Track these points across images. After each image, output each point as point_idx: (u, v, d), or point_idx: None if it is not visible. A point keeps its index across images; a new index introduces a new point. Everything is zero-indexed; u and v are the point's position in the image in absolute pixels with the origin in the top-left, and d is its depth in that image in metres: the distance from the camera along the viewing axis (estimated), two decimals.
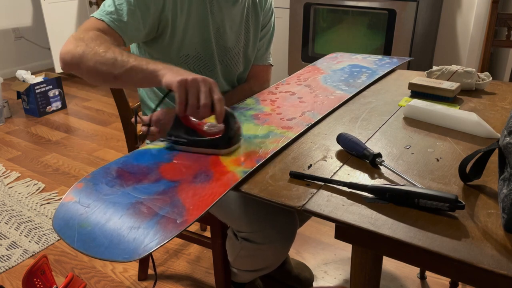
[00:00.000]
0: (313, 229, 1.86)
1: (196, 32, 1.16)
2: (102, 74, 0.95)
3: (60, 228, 0.72)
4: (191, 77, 0.86)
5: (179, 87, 0.86)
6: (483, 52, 1.88)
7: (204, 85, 0.87)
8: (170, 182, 0.82)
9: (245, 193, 0.80)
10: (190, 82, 0.86)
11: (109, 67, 0.94)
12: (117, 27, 1.03)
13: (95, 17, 1.04)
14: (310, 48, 2.80)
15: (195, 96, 0.86)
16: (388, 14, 2.43)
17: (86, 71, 0.97)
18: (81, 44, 0.97)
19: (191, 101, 0.86)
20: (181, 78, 0.86)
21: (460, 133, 1.00)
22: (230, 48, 1.25)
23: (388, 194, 0.74)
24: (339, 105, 1.18)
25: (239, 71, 1.31)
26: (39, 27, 4.04)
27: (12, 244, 1.80)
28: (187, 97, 0.86)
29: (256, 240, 1.07)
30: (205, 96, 0.86)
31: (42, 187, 2.24)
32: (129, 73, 0.93)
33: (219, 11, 1.18)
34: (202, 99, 0.86)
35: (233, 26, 1.23)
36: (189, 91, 0.86)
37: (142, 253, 0.66)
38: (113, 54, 0.94)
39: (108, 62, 0.94)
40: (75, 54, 0.97)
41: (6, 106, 3.14)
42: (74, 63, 0.97)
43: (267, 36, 1.36)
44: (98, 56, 0.94)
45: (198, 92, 0.86)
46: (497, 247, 0.63)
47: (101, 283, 1.60)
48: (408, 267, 1.62)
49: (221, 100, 0.88)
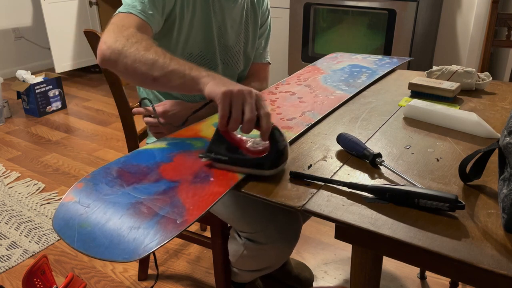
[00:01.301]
0: (313, 229, 1.86)
1: (200, 31, 1.17)
2: (141, 74, 0.90)
3: (60, 228, 0.72)
4: (237, 89, 0.79)
5: (223, 99, 0.79)
6: (483, 52, 1.88)
7: (250, 97, 0.80)
8: (170, 182, 0.82)
9: (245, 193, 0.79)
10: (236, 94, 0.79)
11: (148, 67, 0.88)
12: (146, 19, 1.02)
13: (122, 12, 1.02)
14: (310, 48, 2.80)
15: (239, 109, 0.79)
16: (388, 14, 2.43)
17: (123, 69, 0.92)
18: (120, 38, 0.92)
19: (235, 116, 0.79)
20: (226, 89, 0.79)
21: (460, 133, 1.00)
22: (231, 46, 1.26)
23: (388, 194, 0.74)
24: (339, 105, 1.17)
25: (239, 70, 1.32)
26: (39, 27, 4.04)
27: (12, 244, 1.80)
28: (230, 109, 0.79)
29: (259, 240, 1.07)
30: (251, 110, 0.79)
31: (42, 187, 2.24)
32: (169, 76, 0.87)
33: (221, 10, 1.19)
34: (247, 113, 0.79)
35: (233, 25, 1.24)
36: (233, 103, 0.79)
37: (142, 253, 0.66)
38: (154, 55, 0.89)
39: (148, 62, 0.88)
40: (114, 49, 0.91)
41: (6, 106, 3.14)
42: (113, 59, 0.92)
43: (264, 34, 1.38)
44: (138, 53, 0.89)
45: (244, 105, 0.79)
46: (497, 247, 0.63)
47: (101, 283, 1.60)
48: (408, 267, 1.61)
49: (268, 115, 0.80)
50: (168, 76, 0.87)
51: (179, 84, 0.87)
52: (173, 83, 0.88)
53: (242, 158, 0.83)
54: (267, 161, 0.81)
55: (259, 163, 0.82)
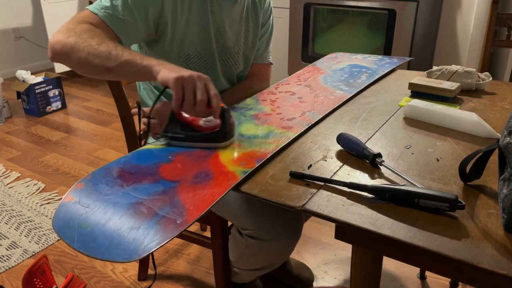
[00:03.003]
0: (313, 229, 1.86)
1: (197, 32, 1.16)
2: (94, 66, 0.96)
3: (60, 228, 0.72)
4: (188, 74, 0.88)
5: (176, 84, 0.87)
6: (483, 52, 1.88)
7: (200, 82, 0.88)
8: (170, 182, 0.82)
9: (245, 193, 0.80)
10: (187, 78, 0.87)
11: (102, 59, 0.94)
12: (111, 23, 1.02)
13: (90, 10, 1.03)
14: (310, 48, 2.80)
15: (191, 92, 0.88)
16: (388, 14, 2.43)
17: (76, 62, 0.97)
18: (73, 35, 0.97)
19: (188, 98, 0.88)
20: (178, 75, 0.87)
21: (460, 133, 1.00)
22: (230, 47, 1.25)
23: (388, 194, 0.74)
24: (339, 105, 1.17)
25: (239, 70, 1.31)
26: (39, 27, 4.04)
27: (12, 244, 1.80)
28: (183, 93, 0.88)
29: (261, 237, 1.07)
30: (201, 92, 0.88)
31: (42, 187, 2.24)
32: (123, 67, 0.94)
33: (219, 10, 1.18)
34: (198, 95, 0.88)
35: (233, 26, 1.23)
36: (185, 87, 0.87)
37: (142, 254, 0.66)
38: (107, 47, 0.95)
39: (101, 54, 0.94)
40: (66, 44, 0.96)
41: (6, 106, 3.14)
42: (64, 53, 0.97)
43: (266, 34, 1.37)
44: (91, 48, 0.95)
45: (195, 88, 0.88)
46: (497, 247, 0.63)
47: (101, 283, 1.60)
48: (408, 267, 1.61)
49: (217, 96, 0.90)
50: (122, 66, 0.94)
51: (132, 73, 0.95)
52: (127, 72, 0.95)
53: (197, 134, 0.94)
54: (219, 134, 0.93)
55: (212, 137, 0.93)
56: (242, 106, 1.18)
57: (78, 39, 0.96)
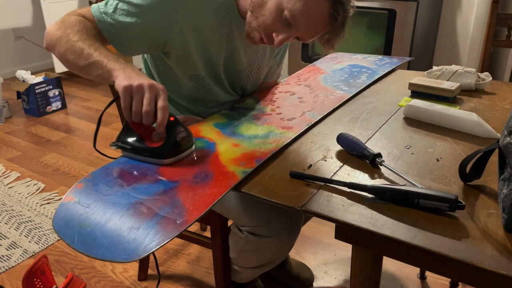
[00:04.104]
0: (313, 229, 1.86)
1: (205, 54, 1.10)
2: (70, 63, 0.96)
3: (60, 228, 0.72)
4: (137, 83, 0.84)
5: (124, 93, 0.85)
6: (483, 52, 1.88)
7: (149, 92, 0.85)
8: (170, 182, 0.82)
9: (245, 193, 0.80)
10: (135, 88, 0.84)
11: (75, 57, 0.94)
12: (105, 30, 1.00)
13: (91, 11, 1.02)
14: (310, 48, 2.80)
15: (139, 102, 0.85)
16: (388, 14, 2.43)
17: (58, 55, 0.98)
18: (61, 27, 0.97)
19: (134, 108, 0.85)
20: (126, 84, 0.84)
21: (460, 133, 1.00)
22: (241, 70, 1.20)
23: (388, 194, 0.74)
24: (339, 105, 1.17)
25: (245, 88, 1.27)
26: (39, 27, 4.04)
27: (12, 244, 1.80)
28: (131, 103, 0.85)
29: (261, 233, 1.07)
30: (148, 103, 0.84)
31: (42, 187, 2.24)
32: (90, 67, 0.92)
33: (236, 35, 1.11)
34: (144, 106, 0.84)
35: (248, 50, 1.17)
36: (134, 97, 0.85)
37: (142, 254, 0.66)
38: (82, 45, 0.93)
39: (76, 52, 0.94)
40: (53, 37, 0.98)
41: (6, 106, 3.14)
42: (51, 45, 0.99)
43: (280, 52, 1.32)
44: (69, 44, 0.94)
45: (143, 98, 0.85)
46: (497, 247, 0.63)
47: (101, 283, 1.60)
48: (408, 267, 1.61)
49: (164, 108, 0.85)
50: (90, 67, 0.92)
51: (97, 75, 0.92)
52: (93, 73, 0.93)
53: (143, 147, 0.90)
54: (163, 150, 0.88)
55: (157, 152, 0.88)
56: (242, 106, 1.18)
57: (63, 33, 0.96)
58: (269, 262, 1.18)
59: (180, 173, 0.85)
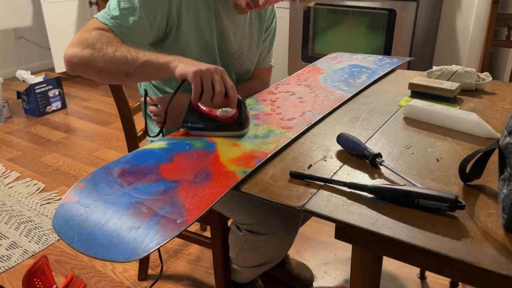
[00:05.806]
0: (313, 229, 1.86)
1: (200, 37, 1.15)
2: (114, 73, 0.99)
3: (60, 228, 0.72)
4: (205, 67, 0.92)
5: (194, 78, 0.91)
6: (483, 52, 1.88)
7: (217, 74, 0.93)
8: (170, 182, 0.82)
9: (245, 193, 0.80)
10: (205, 72, 0.92)
11: (120, 66, 0.96)
12: (121, 33, 1.02)
13: (98, 19, 1.02)
14: (310, 48, 2.80)
15: (210, 85, 0.92)
16: (388, 14, 2.43)
17: (95, 72, 0.99)
18: (87, 45, 0.97)
19: (207, 90, 0.92)
20: (196, 69, 0.91)
21: (460, 133, 1.00)
22: (233, 53, 1.24)
23: (388, 194, 0.74)
24: (339, 105, 1.17)
25: (240, 73, 1.31)
26: (39, 27, 4.03)
27: (12, 244, 1.80)
28: (202, 86, 0.92)
29: (260, 231, 1.07)
30: (219, 85, 0.93)
31: (42, 187, 2.24)
32: (141, 69, 0.96)
33: (223, 16, 1.17)
34: (217, 87, 0.92)
35: (236, 32, 1.22)
36: (204, 80, 0.92)
37: (142, 254, 0.66)
38: (122, 53, 0.96)
39: (119, 61, 0.96)
40: (83, 57, 0.97)
41: (6, 106, 3.14)
42: (82, 66, 0.99)
43: (269, 38, 1.36)
44: (107, 56, 0.96)
45: (213, 81, 0.93)
46: (497, 247, 0.63)
47: (101, 283, 1.60)
48: (408, 267, 1.61)
49: (234, 87, 0.95)
50: (140, 69, 0.96)
51: (151, 73, 0.98)
52: (146, 73, 0.99)
53: (216, 123, 1.00)
54: (237, 124, 0.99)
55: (230, 126, 0.99)
56: None
57: (93, 50, 0.97)
58: (268, 260, 1.18)
59: (180, 173, 0.85)
